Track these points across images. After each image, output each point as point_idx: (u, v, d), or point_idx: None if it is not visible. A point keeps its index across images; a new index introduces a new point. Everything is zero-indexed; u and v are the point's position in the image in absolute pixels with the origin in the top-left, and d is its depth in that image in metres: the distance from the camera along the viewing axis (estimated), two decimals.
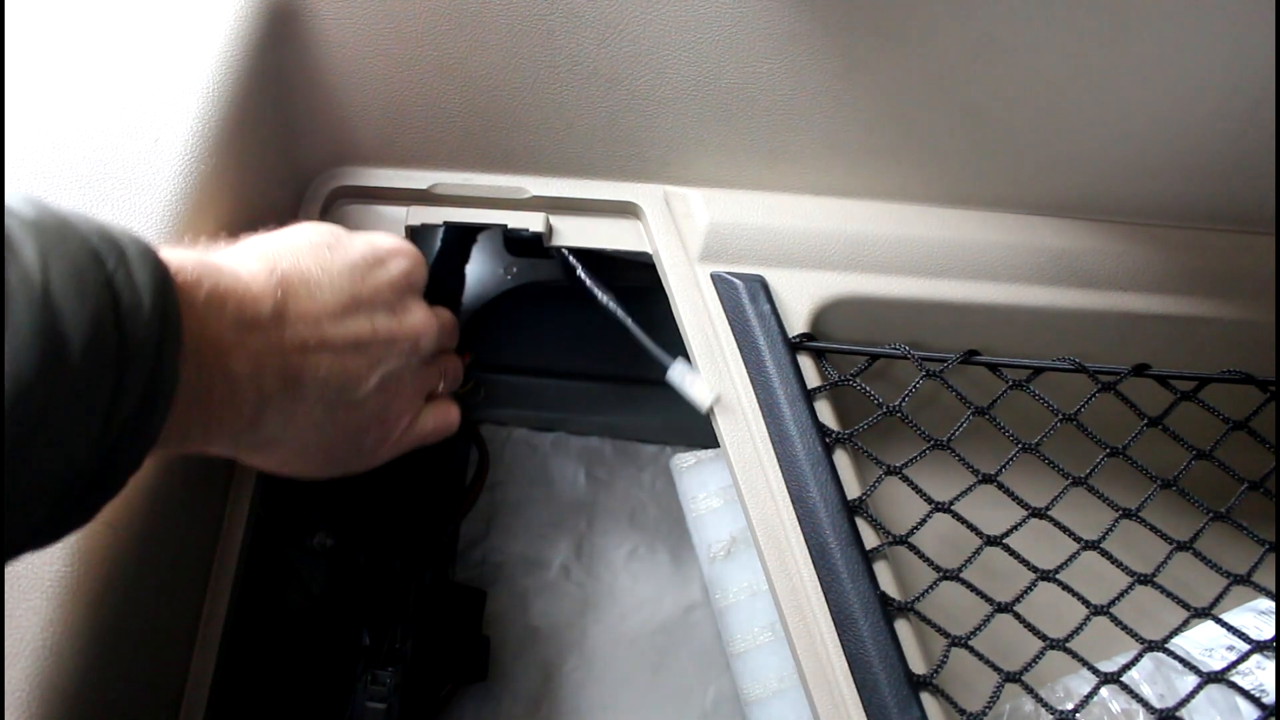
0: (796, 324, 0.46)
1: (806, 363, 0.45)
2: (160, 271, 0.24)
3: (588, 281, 0.48)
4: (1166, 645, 0.43)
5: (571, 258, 0.48)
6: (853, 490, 0.42)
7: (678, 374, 0.45)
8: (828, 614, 0.40)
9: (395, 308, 0.36)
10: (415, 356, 0.38)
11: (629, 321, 0.47)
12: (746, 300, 0.45)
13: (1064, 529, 0.45)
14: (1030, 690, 0.41)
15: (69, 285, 0.21)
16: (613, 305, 0.47)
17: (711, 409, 0.44)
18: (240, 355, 0.29)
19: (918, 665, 0.39)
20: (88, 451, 0.22)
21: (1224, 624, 0.44)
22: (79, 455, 0.22)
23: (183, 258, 0.28)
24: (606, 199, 0.49)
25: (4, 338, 0.20)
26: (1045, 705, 0.41)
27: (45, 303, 0.21)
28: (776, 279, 0.46)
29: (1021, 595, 0.42)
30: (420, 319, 0.38)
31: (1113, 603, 0.43)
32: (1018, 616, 0.42)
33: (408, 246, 0.39)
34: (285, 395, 0.32)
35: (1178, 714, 0.41)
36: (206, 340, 0.27)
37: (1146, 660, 0.44)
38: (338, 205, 0.49)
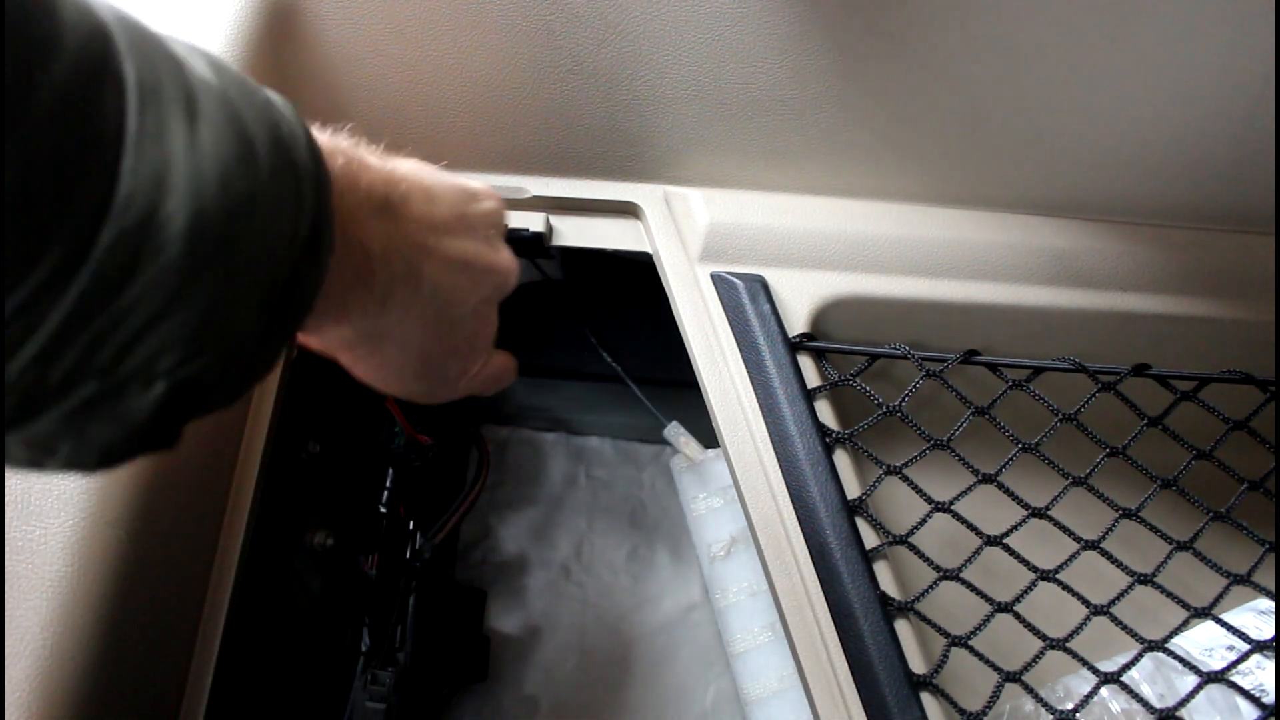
0: (796, 324, 0.46)
1: (806, 363, 0.45)
2: (304, 123, 0.24)
3: (593, 339, 0.49)
4: (1166, 645, 0.43)
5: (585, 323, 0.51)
6: (853, 490, 0.42)
7: (672, 433, 0.48)
8: (828, 614, 0.40)
9: (493, 241, 0.37)
10: (501, 293, 0.38)
11: (628, 381, 0.49)
12: (746, 300, 0.45)
13: (1064, 529, 0.45)
14: (1030, 690, 0.41)
15: (242, 97, 0.21)
16: (617, 367, 0.49)
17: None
18: (373, 231, 0.29)
19: (918, 665, 0.39)
20: (279, 262, 0.22)
21: (1224, 624, 0.44)
22: (274, 262, 0.22)
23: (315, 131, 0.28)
24: (606, 199, 0.49)
25: (200, 123, 0.19)
26: (1045, 705, 0.41)
27: (228, 102, 0.21)
28: (776, 279, 0.47)
29: (1021, 595, 0.42)
30: (508, 257, 0.38)
31: (1113, 603, 0.43)
32: (1018, 616, 0.42)
33: (492, 190, 0.39)
34: (408, 285, 0.32)
35: (1178, 714, 0.41)
36: (344, 209, 0.27)
37: (1146, 660, 0.44)
38: None
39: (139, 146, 0.18)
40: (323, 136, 0.28)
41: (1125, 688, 0.42)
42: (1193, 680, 0.43)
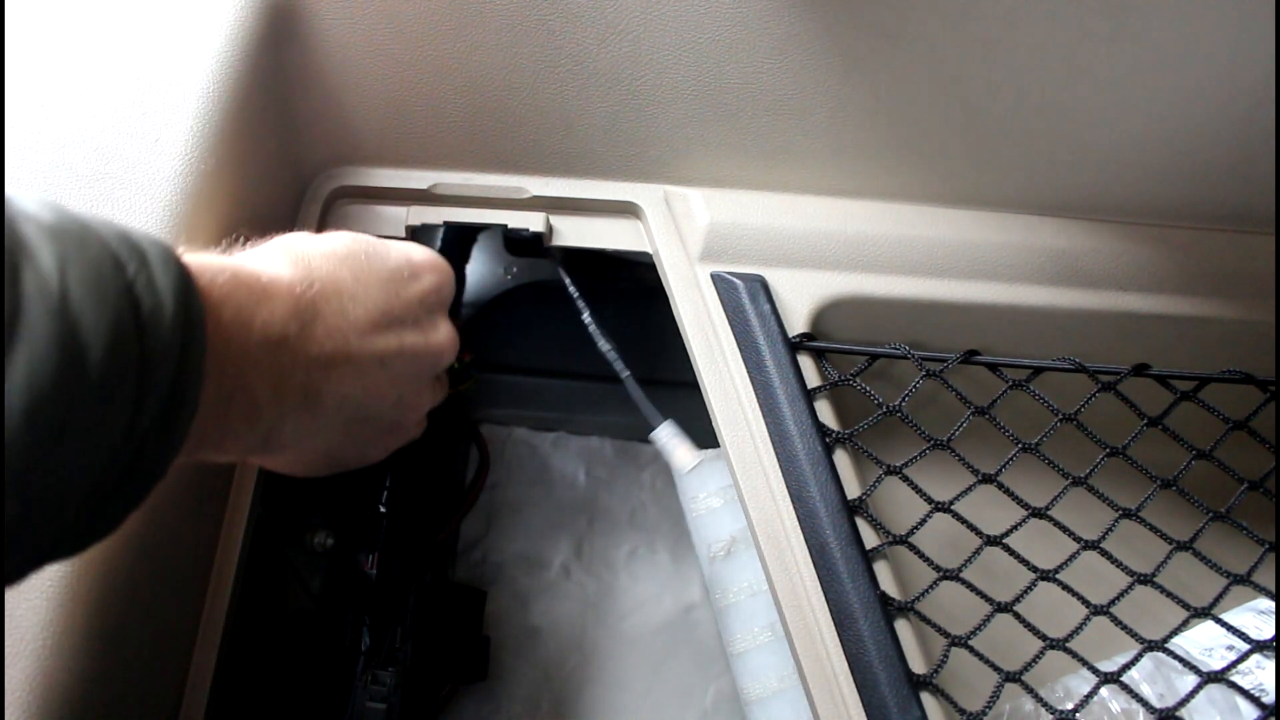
0: (796, 324, 0.46)
1: (806, 363, 0.45)
2: (183, 277, 0.24)
3: (591, 327, 0.50)
4: (1166, 645, 0.43)
5: (579, 299, 0.49)
6: (853, 490, 0.42)
7: (664, 435, 0.47)
8: (828, 614, 0.40)
9: (423, 324, 0.36)
10: (434, 372, 0.37)
11: (626, 374, 0.49)
12: (746, 300, 0.45)
13: (1064, 529, 0.45)
14: (1030, 690, 0.41)
15: (88, 292, 0.21)
16: (613, 355, 0.49)
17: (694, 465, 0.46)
18: (263, 372, 0.28)
19: (918, 665, 0.39)
20: (108, 460, 0.22)
21: (1224, 624, 0.44)
22: (99, 464, 0.22)
23: (209, 266, 0.27)
24: (606, 199, 0.49)
25: (17, 347, 0.19)
26: (1045, 705, 0.41)
27: (63, 311, 0.20)
28: (776, 279, 0.46)
29: (1021, 595, 0.42)
30: (444, 336, 0.37)
31: (1113, 603, 0.43)
32: (1018, 616, 0.42)
33: (441, 262, 0.38)
34: (304, 409, 0.31)
35: (1178, 714, 0.41)
36: (230, 356, 0.27)
37: (1146, 660, 0.44)
38: (338, 205, 0.49)
39: None
40: (223, 273, 0.27)
41: (1125, 688, 0.42)
42: (1193, 680, 0.43)
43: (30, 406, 0.19)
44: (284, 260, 0.32)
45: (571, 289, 0.50)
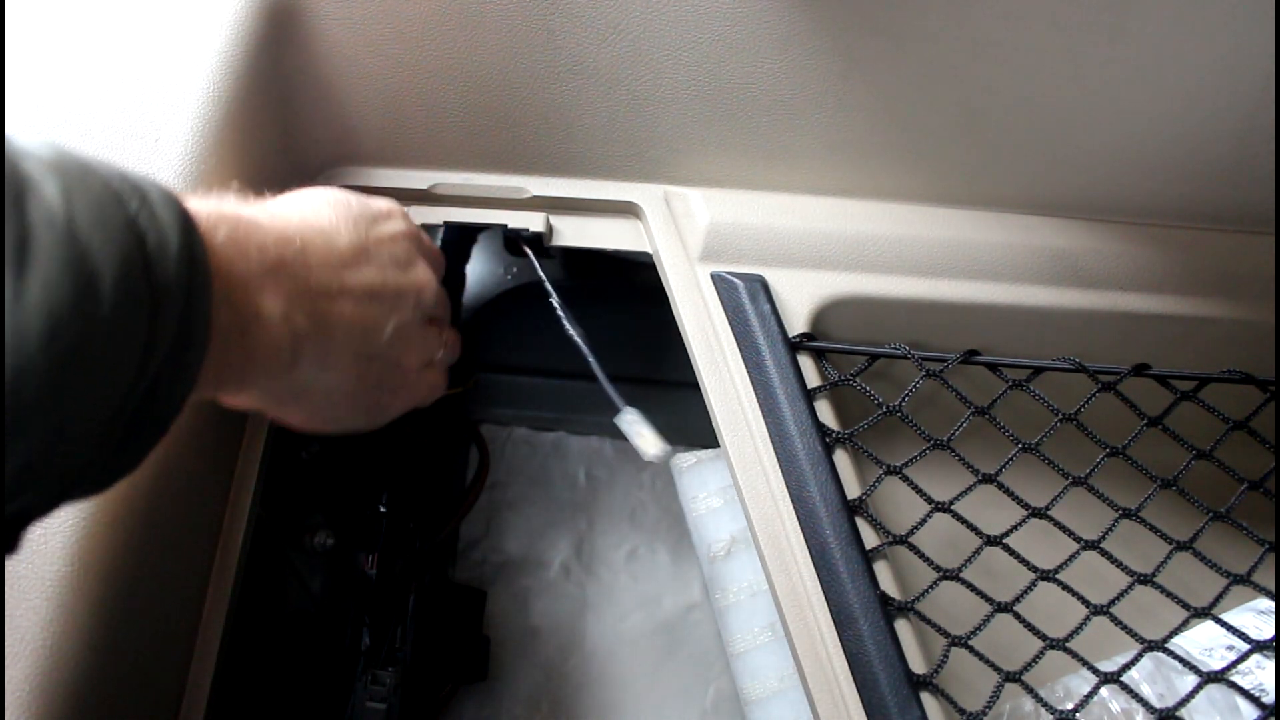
0: (796, 324, 0.46)
1: (806, 363, 0.45)
2: (183, 214, 0.24)
3: (560, 313, 0.49)
4: (1166, 645, 0.43)
5: (547, 283, 0.49)
6: (853, 490, 0.42)
7: (627, 421, 0.46)
8: (828, 614, 0.40)
9: (400, 261, 0.37)
10: (420, 310, 0.38)
11: (593, 360, 0.48)
12: (746, 300, 0.45)
13: (1064, 529, 0.45)
14: (1030, 690, 0.41)
15: (95, 223, 0.21)
16: (580, 341, 0.48)
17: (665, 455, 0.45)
18: (271, 294, 0.29)
19: (918, 665, 0.39)
20: (126, 392, 0.22)
21: (1224, 624, 0.44)
22: (117, 395, 0.22)
23: (200, 204, 0.27)
24: (606, 199, 0.49)
25: (30, 273, 0.19)
26: (1045, 705, 0.41)
27: (72, 239, 0.20)
28: (776, 279, 0.46)
29: (1021, 595, 0.42)
30: (422, 272, 0.38)
31: (1113, 603, 0.43)
32: (1018, 616, 0.42)
33: (397, 207, 0.39)
34: (317, 337, 0.32)
35: (1178, 714, 0.41)
36: (235, 280, 0.27)
37: (1146, 660, 0.44)
38: None
39: None
40: (207, 206, 0.27)
41: (1125, 688, 0.42)
42: (1192, 680, 0.43)
43: (48, 330, 0.19)
44: (267, 207, 0.33)
45: (541, 274, 0.49)
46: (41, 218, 0.20)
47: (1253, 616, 0.47)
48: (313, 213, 0.34)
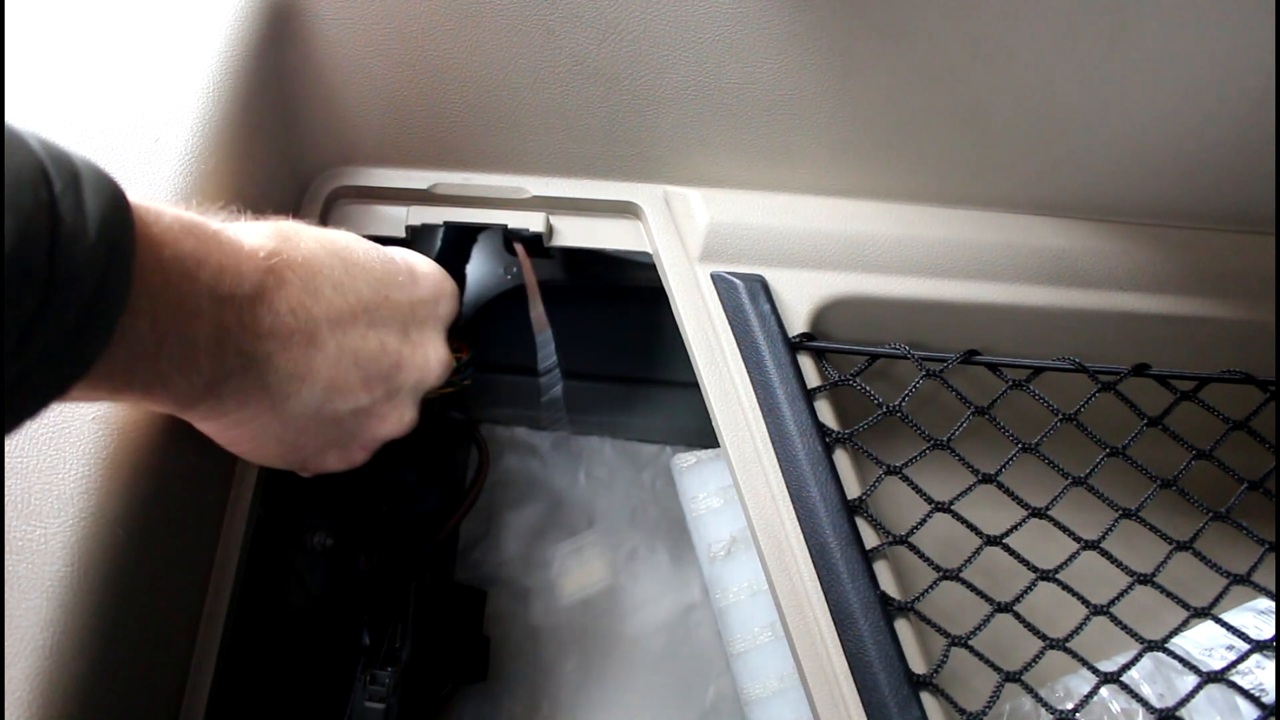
0: (796, 324, 0.46)
1: (806, 362, 0.45)
2: (115, 204, 0.23)
3: (535, 313, 0.49)
4: (1166, 645, 0.43)
5: (532, 285, 0.49)
6: (853, 490, 0.42)
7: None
8: (828, 614, 0.40)
9: (412, 334, 0.35)
10: (416, 392, 0.36)
11: (552, 360, 0.47)
12: (746, 300, 0.45)
13: (1064, 529, 0.45)
14: (1030, 690, 0.41)
15: (6, 198, 0.20)
16: (546, 344, 0.48)
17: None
18: (204, 324, 0.28)
19: (918, 665, 0.39)
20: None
21: (1224, 624, 0.44)
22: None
23: (157, 209, 0.26)
24: (606, 199, 0.49)
25: None
26: (1045, 705, 0.41)
27: None
28: (776, 279, 0.46)
29: (1021, 595, 0.42)
30: (434, 353, 0.35)
31: (1113, 603, 0.43)
32: (1018, 616, 0.42)
33: (445, 280, 0.37)
34: (248, 380, 0.30)
35: (1178, 714, 0.41)
36: (168, 298, 0.26)
37: (1146, 660, 0.44)
38: (338, 205, 0.49)
39: None
40: (175, 218, 0.26)
41: (1125, 688, 0.42)
42: (1192, 680, 0.43)
43: None
44: (266, 233, 0.31)
45: (529, 277, 0.49)
46: None
47: (1253, 616, 0.47)
48: (325, 254, 0.32)
